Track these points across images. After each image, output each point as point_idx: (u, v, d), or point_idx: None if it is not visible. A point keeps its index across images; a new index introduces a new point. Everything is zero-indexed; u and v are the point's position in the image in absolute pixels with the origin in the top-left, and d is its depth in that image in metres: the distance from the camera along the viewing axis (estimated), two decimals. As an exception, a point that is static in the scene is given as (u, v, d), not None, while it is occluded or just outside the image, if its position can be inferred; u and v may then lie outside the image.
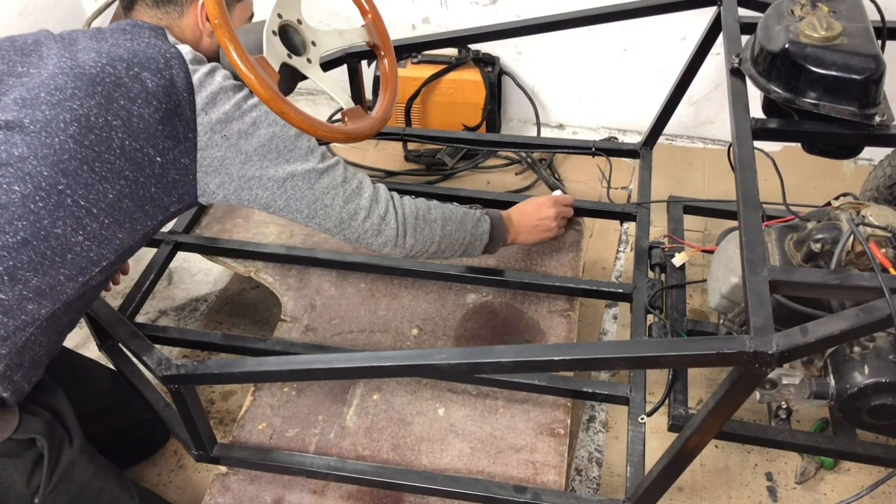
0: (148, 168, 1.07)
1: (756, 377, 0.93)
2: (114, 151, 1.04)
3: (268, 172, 1.15)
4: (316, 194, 1.19)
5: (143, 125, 1.05)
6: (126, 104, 1.05)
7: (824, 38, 1.23)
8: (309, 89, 2.62)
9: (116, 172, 1.05)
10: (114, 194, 1.05)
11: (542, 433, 1.35)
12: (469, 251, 1.40)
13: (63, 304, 1.06)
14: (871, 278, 0.96)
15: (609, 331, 1.80)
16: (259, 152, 1.13)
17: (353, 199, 1.22)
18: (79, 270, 1.06)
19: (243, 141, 1.12)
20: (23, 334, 1.03)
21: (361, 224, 1.23)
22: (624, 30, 2.18)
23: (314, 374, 1.16)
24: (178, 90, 1.08)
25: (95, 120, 1.03)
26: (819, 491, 1.48)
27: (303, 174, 1.17)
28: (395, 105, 1.42)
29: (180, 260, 1.95)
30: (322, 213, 1.21)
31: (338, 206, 1.21)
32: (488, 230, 1.41)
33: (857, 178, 2.04)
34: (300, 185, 1.17)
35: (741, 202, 1.09)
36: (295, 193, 1.18)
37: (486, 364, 1.04)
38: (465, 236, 1.36)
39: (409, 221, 1.27)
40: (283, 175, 1.16)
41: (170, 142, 1.08)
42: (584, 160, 2.24)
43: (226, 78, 1.14)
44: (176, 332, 1.53)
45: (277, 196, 1.17)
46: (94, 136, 1.02)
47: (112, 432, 1.43)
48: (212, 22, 1.09)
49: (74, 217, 1.03)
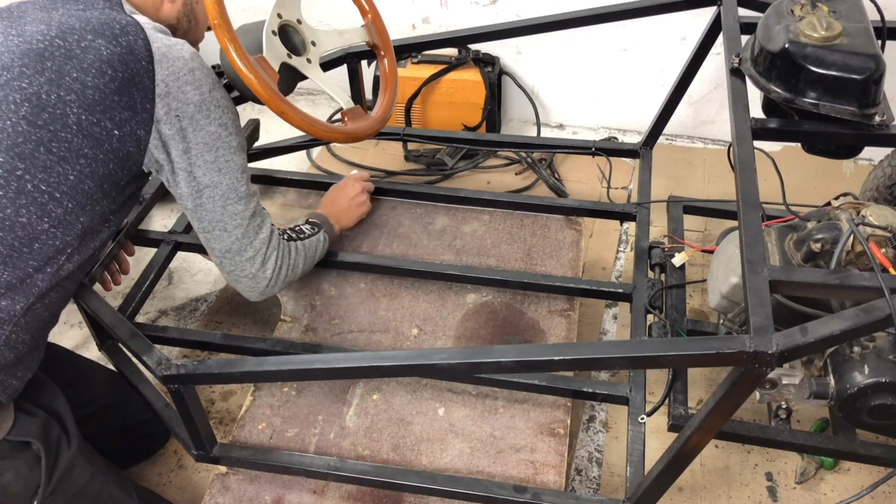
0: (106, 143, 1.04)
1: (756, 377, 0.93)
2: (70, 129, 1.00)
3: (196, 171, 1.13)
4: (223, 216, 1.19)
5: (98, 97, 1.01)
6: (79, 76, 1.00)
7: (824, 37, 1.23)
8: (309, 89, 2.62)
9: (75, 151, 1.01)
10: (74, 175, 1.02)
11: (542, 433, 1.35)
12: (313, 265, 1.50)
13: (37, 298, 1.03)
14: (871, 278, 0.96)
15: (609, 331, 1.80)
16: (199, 148, 1.12)
17: (248, 236, 1.23)
18: (46, 260, 1.03)
19: (191, 129, 1.10)
20: (1, 332, 1.00)
21: (243, 264, 1.26)
22: (624, 30, 2.18)
23: (314, 374, 1.16)
24: (136, 58, 1.03)
25: (48, 97, 0.98)
26: (819, 491, 1.48)
27: (224, 191, 1.17)
28: (395, 105, 1.43)
29: (180, 260, 1.95)
30: (218, 234, 1.21)
31: (235, 236, 1.21)
32: (327, 243, 1.51)
33: (857, 178, 2.04)
34: (215, 199, 1.17)
35: (741, 202, 1.09)
36: (206, 204, 1.17)
37: (485, 364, 1.04)
38: (314, 261, 1.47)
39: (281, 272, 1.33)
40: (207, 182, 1.15)
41: (127, 112, 1.04)
42: (584, 160, 2.24)
43: (193, 57, 1.10)
44: (176, 332, 1.53)
45: (192, 197, 1.16)
46: (48, 114, 0.98)
47: (112, 433, 1.43)
48: (211, 22, 1.09)
49: (38, 203, 0.99)
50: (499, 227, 1.73)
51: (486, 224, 1.74)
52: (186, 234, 1.71)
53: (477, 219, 1.76)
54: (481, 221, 1.75)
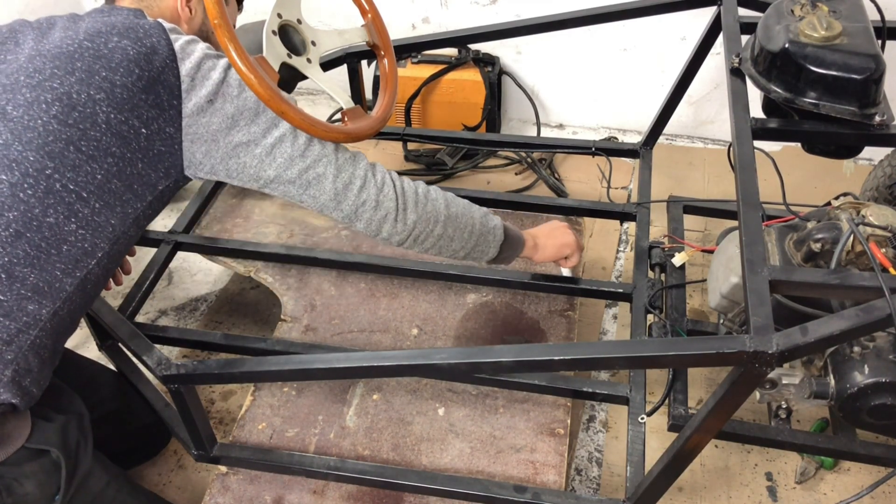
0: (134, 142, 1.04)
1: (756, 377, 0.93)
2: (99, 127, 1.01)
3: (255, 137, 1.10)
4: (308, 162, 1.12)
5: (126, 95, 1.02)
6: (108, 75, 1.01)
7: (824, 37, 1.23)
8: (309, 89, 2.62)
9: (103, 150, 1.01)
10: (102, 174, 1.02)
11: (542, 433, 1.35)
12: (481, 246, 1.29)
13: (63, 303, 1.04)
14: (871, 278, 0.96)
15: (609, 331, 1.80)
16: (246, 116, 1.10)
17: (346, 168, 1.14)
18: (74, 263, 1.03)
19: (229, 104, 1.08)
20: (27, 337, 1.00)
21: (357, 195, 1.14)
22: (624, 30, 2.18)
23: (314, 373, 1.16)
24: (161, 56, 1.05)
25: (78, 96, 1.00)
26: (819, 491, 1.47)
27: (292, 140, 1.11)
28: (394, 105, 1.42)
29: (180, 260, 1.95)
30: (315, 183, 1.13)
31: (331, 174, 1.13)
32: (501, 225, 1.30)
33: (857, 177, 2.04)
34: (290, 152, 1.11)
35: (741, 202, 1.09)
36: (284, 161, 1.11)
37: (485, 364, 1.04)
38: (473, 224, 1.26)
39: (408, 195, 1.18)
40: (272, 140, 1.11)
41: (154, 111, 1.05)
42: (584, 160, 2.24)
43: (208, 47, 1.12)
44: (176, 331, 1.53)
45: (266, 164, 1.11)
46: (78, 113, 1.00)
47: (116, 436, 1.43)
48: (211, 22, 1.08)
49: (65, 203, 1.00)
50: (499, 227, 1.73)
51: (486, 224, 1.74)
52: (186, 233, 1.71)
53: (477, 219, 1.76)
54: (481, 221, 1.75)
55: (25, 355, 1.01)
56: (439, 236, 1.22)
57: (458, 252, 1.27)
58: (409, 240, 1.20)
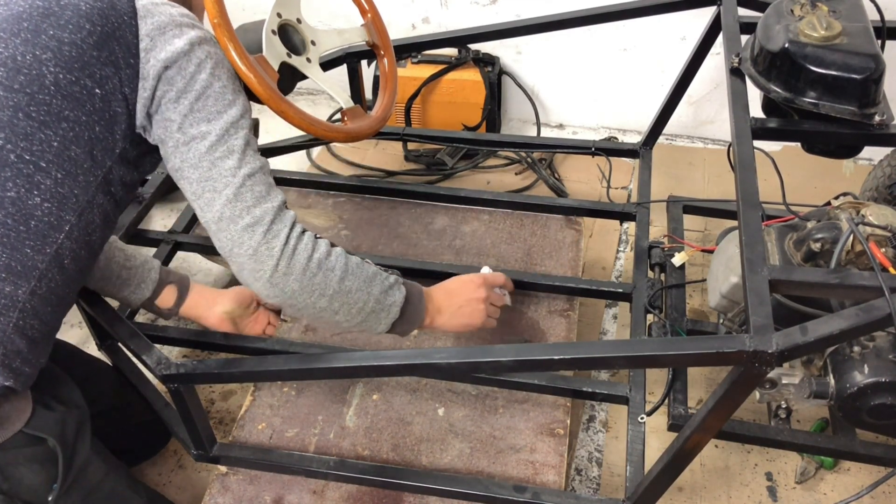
0: (88, 103, 0.98)
1: (756, 376, 0.93)
2: (48, 90, 0.95)
3: (184, 123, 1.03)
4: (211, 172, 1.03)
5: (75, 52, 0.96)
6: (56, 33, 0.95)
7: (824, 37, 1.23)
8: (309, 89, 2.62)
9: (55, 114, 0.96)
10: (58, 141, 0.97)
11: (542, 433, 1.35)
12: (370, 322, 1.15)
13: (38, 281, 0.99)
14: (870, 277, 0.96)
15: (609, 331, 1.80)
16: (188, 97, 1.03)
17: (244, 199, 1.03)
18: (42, 239, 0.98)
19: (180, 78, 1.02)
20: (7, 319, 0.97)
21: (240, 234, 1.03)
22: (624, 30, 2.18)
23: (314, 373, 1.16)
24: (118, 13, 0.99)
25: (23, 59, 0.94)
26: (819, 491, 1.47)
27: (213, 143, 1.02)
28: (394, 105, 1.42)
29: (180, 260, 1.95)
30: (208, 197, 1.03)
31: (225, 196, 1.02)
32: (400, 302, 1.17)
33: (856, 177, 2.04)
34: (202, 153, 1.03)
35: (741, 202, 1.09)
36: (192, 159, 1.03)
37: (485, 363, 1.04)
38: (367, 301, 1.12)
39: (297, 261, 1.04)
40: (194, 133, 1.03)
41: (108, 69, 0.98)
42: (584, 160, 2.24)
43: (182, 15, 1.05)
44: (175, 331, 1.53)
45: (179, 152, 1.03)
46: (24, 76, 0.94)
47: (116, 433, 1.42)
48: (211, 21, 1.08)
49: (24, 175, 0.95)
50: (499, 227, 1.74)
51: (486, 224, 1.74)
52: (186, 233, 1.71)
53: (477, 219, 1.76)
54: (481, 221, 1.75)
55: (10, 338, 0.98)
56: (322, 309, 1.09)
57: (341, 324, 1.14)
58: (285, 306, 1.09)
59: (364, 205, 1.80)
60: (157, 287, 1.39)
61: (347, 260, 1.11)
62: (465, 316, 1.29)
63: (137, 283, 1.36)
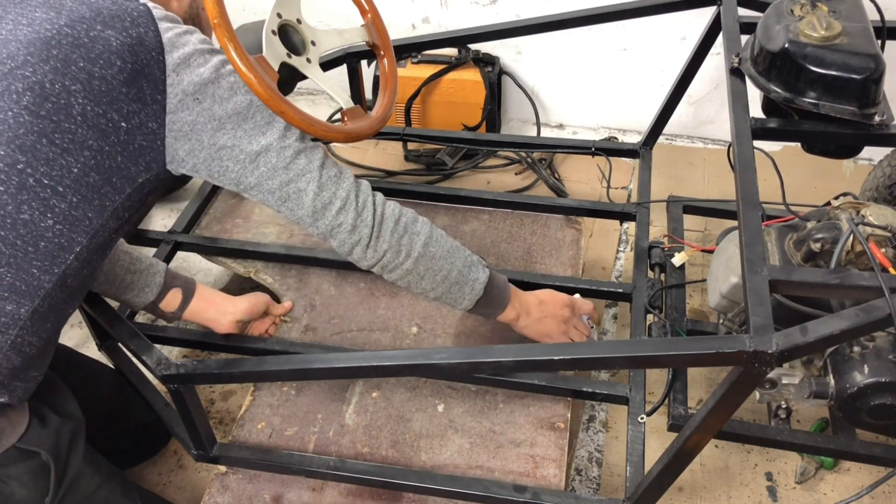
0: (112, 135, 0.99)
1: (756, 377, 0.93)
2: (74, 119, 0.95)
3: (241, 143, 1.06)
4: (290, 175, 1.09)
5: (105, 87, 0.97)
6: (86, 66, 0.96)
7: (824, 37, 1.23)
8: (309, 89, 2.62)
9: (79, 143, 0.96)
10: (78, 168, 0.97)
11: (542, 427, 1.35)
12: (454, 294, 1.23)
13: (42, 300, 0.99)
14: (870, 278, 0.96)
15: (609, 331, 1.80)
16: (233, 120, 1.05)
17: (328, 187, 1.11)
18: (52, 260, 0.98)
19: (217, 106, 1.04)
20: (6, 337, 0.97)
21: (335, 216, 1.11)
22: (624, 30, 2.18)
23: (314, 373, 1.16)
24: (147, 48, 0.99)
25: (51, 87, 0.94)
26: (819, 491, 1.47)
27: (278, 150, 1.08)
28: (394, 105, 1.42)
29: (180, 260, 1.95)
30: (295, 197, 1.10)
31: (312, 191, 1.10)
32: (483, 281, 1.23)
33: (856, 177, 2.04)
34: (274, 163, 1.08)
35: (741, 202, 1.09)
36: (267, 171, 1.08)
37: (485, 363, 1.04)
38: (450, 270, 1.20)
39: (386, 223, 1.14)
40: (257, 148, 1.07)
41: (135, 105, 0.99)
42: (584, 160, 2.24)
43: (202, 41, 1.07)
44: (175, 331, 1.53)
45: (249, 171, 1.08)
46: (51, 104, 0.94)
47: (115, 434, 1.43)
48: (211, 21, 1.08)
49: (40, 199, 0.95)
50: (499, 226, 1.74)
51: (486, 224, 1.74)
52: (186, 233, 1.71)
53: (477, 218, 1.76)
54: (481, 221, 1.75)
55: (7, 355, 0.98)
56: (408, 271, 1.18)
57: (428, 292, 1.22)
58: (378, 266, 1.18)
59: (364, 205, 1.80)
60: (162, 291, 1.39)
61: (433, 229, 1.20)
62: (546, 327, 1.35)
63: (141, 287, 1.37)
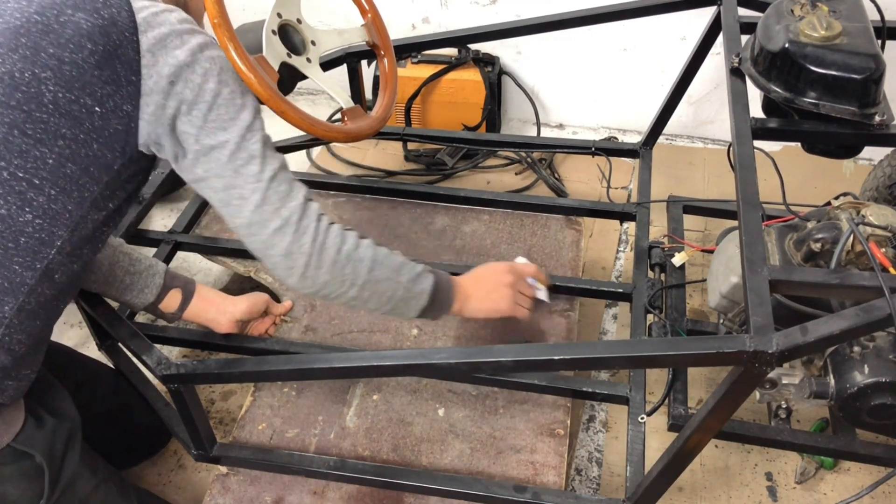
0: (87, 121, 0.96)
1: (756, 376, 0.93)
2: (45, 108, 0.93)
3: (200, 134, 1.03)
4: (237, 179, 1.04)
5: (76, 72, 0.94)
6: (56, 51, 0.93)
7: (824, 37, 1.23)
8: (309, 89, 2.62)
9: (52, 132, 0.94)
10: (53, 159, 0.95)
11: (542, 434, 1.35)
12: (401, 309, 1.19)
13: (27, 297, 0.97)
14: (871, 278, 0.96)
15: (609, 331, 1.80)
16: (199, 108, 1.02)
17: (271, 202, 1.05)
18: (33, 255, 0.96)
19: (188, 91, 1.01)
20: None
21: (271, 236, 1.05)
22: (624, 30, 2.18)
23: (314, 373, 1.16)
24: (119, 29, 0.96)
25: (21, 76, 0.91)
26: (819, 491, 1.47)
27: (234, 150, 1.03)
28: (394, 105, 1.42)
29: (180, 260, 1.95)
30: (236, 203, 1.05)
31: (253, 202, 1.04)
32: (429, 290, 1.20)
33: (857, 177, 2.04)
34: (224, 161, 1.03)
35: (741, 202, 1.09)
36: (216, 168, 1.04)
37: (485, 363, 1.03)
38: (396, 289, 1.16)
39: (327, 252, 1.08)
40: (213, 143, 1.03)
41: (109, 87, 0.97)
42: (584, 160, 2.24)
43: (182, 21, 1.03)
44: (176, 331, 1.53)
45: (200, 163, 1.04)
46: (21, 93, 0.92)
47: (115, 434, 1.43)
48: (211, 21, 1.08)
49: (16, 192, 0.93)
50: (499, 226, 1.74)
51: (486, 224, 1.74)
52: (186, 233, 1.71)
53: (477, 219, 1.76)
54: (481, 221, 1.75)
55: None
56: (353, 297, 1.14)
57: (373, 311, 1.20)
58: (318, 296, 1.13)
59: (364, 205, 1.80)
60: (161, 292, 1.39)
61: (376, 251, 1.14)
62: (492, 301, 1.31)
63: (141, 287, 1.36)
